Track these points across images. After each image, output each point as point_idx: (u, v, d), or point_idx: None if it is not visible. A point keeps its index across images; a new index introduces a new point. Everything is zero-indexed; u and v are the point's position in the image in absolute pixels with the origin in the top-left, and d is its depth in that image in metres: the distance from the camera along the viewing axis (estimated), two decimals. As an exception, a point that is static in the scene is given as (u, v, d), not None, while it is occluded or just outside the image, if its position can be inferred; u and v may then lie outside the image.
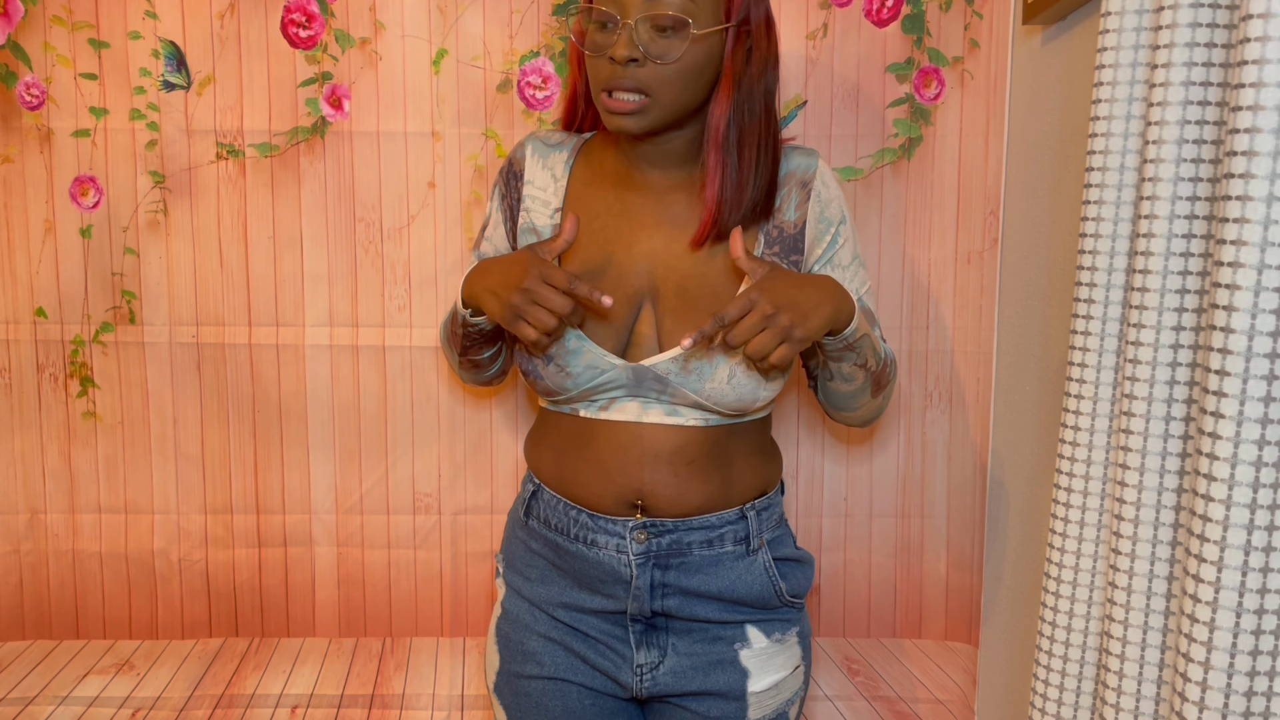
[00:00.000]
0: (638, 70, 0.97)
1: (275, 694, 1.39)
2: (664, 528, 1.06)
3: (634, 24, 0.96)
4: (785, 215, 1.08)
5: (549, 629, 1.11)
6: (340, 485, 1.45)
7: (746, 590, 1.09)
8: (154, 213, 1.40)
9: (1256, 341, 0.63)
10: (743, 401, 1.05)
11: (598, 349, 1.03)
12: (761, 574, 1.10)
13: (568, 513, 1.09)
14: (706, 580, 1.08)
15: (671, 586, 1.08)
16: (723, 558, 1.09)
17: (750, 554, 1.10)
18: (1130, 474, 0.78)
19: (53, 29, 1.35)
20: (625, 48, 0.97)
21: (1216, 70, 0.73)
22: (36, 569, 1.45)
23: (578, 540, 1.08)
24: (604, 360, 1.04)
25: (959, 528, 1.47)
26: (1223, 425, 0.65)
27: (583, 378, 1.04)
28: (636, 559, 1.06)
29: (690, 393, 1.04)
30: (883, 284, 1.44)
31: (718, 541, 1.08)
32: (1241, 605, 0.65)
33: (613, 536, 1.07)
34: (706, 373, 1.03)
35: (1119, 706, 0.80)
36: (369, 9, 1.36)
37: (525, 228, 1.12)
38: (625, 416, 1.06)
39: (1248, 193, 0.63)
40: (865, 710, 1.42)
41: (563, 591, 1.11)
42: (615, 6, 0.98)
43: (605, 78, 0.99)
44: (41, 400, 1.43)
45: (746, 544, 1.09)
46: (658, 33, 0.97)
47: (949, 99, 1.40)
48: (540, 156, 1.12)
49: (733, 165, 1.03)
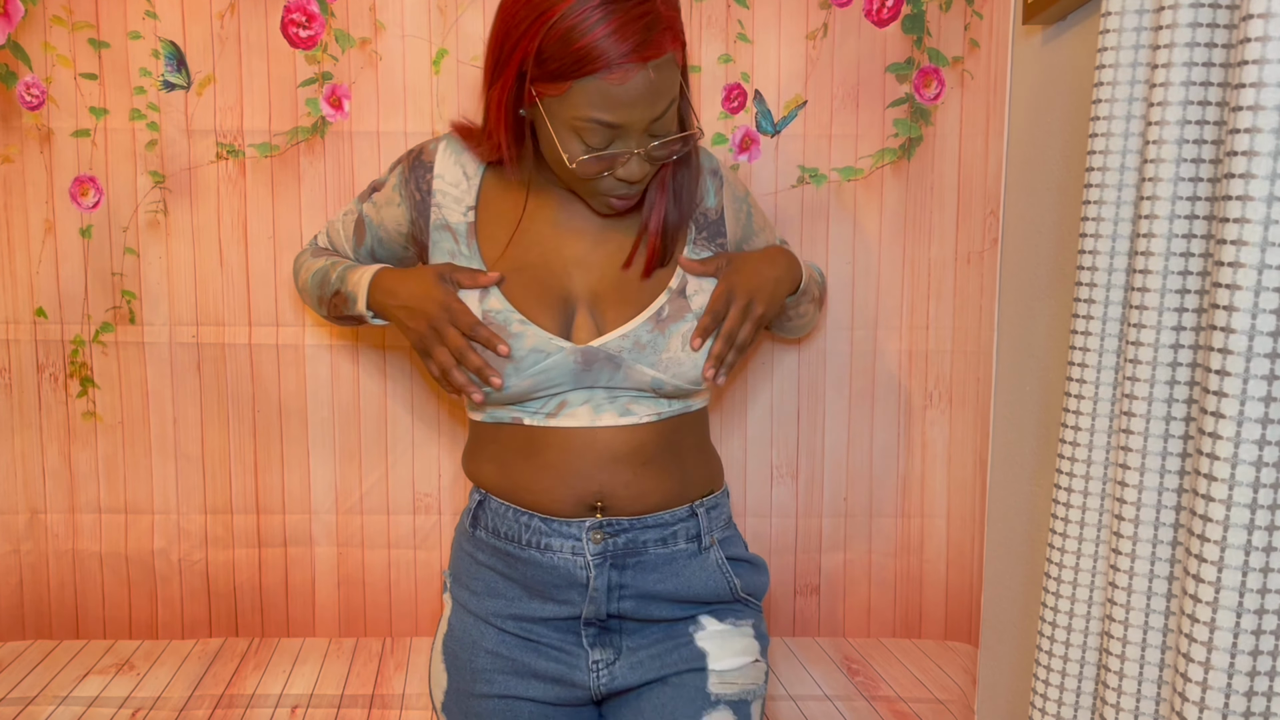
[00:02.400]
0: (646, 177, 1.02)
1: (275, 694, 1.39)
2: (620, 526, 1.06)
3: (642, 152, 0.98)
4: (706, 203, 1.13)
5: (497, 644, 1.09)
6: (340, 485, 1.45)
7: (702, 587, 1.10)
8: (154, 213, 1.40)
9: (1257, 341, 0.63)
10: (697, 369, 1.06)
11: (543, 331, 1.03)
12: (715, 571, 1.10)
13: (518, 519, 1.07)
14: (662, 579, 1.08)
15: (628, 588, 1.08)
16: (677, 556, 1.09)
17: (702, 551, 1.10)
18: (1130, 474, 0.78)
19: (53, 29, 1.35)
20: (640, 170, 0.99)
21: (1217, 70, 0.73)
22: (36, 569, 1.45)
23: (530, 546, 1.07)
24: (550, 343, 1.03)
25: (959, 528, 1.47)
26: (1223, 425, 0.65)
27: (527, 361, 1.02)
28: (594, 559, 1.06)
29: (647, 368, 1.04)
30: (883, 284, 1.44)
31: (671, 539, 1.09)
32: (1242, 605, 0.65)
33: (568, 539, 1.06)
34: (660, 344, 1.04)
35: (1119, 706, 0.80)
36: (369, 9, 1.36)
37: (438, 224, 1.09)
38: (576, 423, 1.05)
39: (1248, 193, 0.63)
40: (865, 710, 1.42)
41: (511, 603, 1.09)
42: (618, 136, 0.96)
43: (608, 189, 1.02)
44: (41, 400, 1.43)
45: (699, 542, 1.10)
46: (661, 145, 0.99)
47: (949, 99, 1.40)
48: (454, 153, 1.11)
49: (672, 200, 1.07)
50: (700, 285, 1.09)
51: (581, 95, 0.93)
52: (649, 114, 0.95)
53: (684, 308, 1.06)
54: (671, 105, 0.97)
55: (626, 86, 0.92)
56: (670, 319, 1.05)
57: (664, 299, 1.06)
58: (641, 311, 1.05)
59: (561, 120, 0.96)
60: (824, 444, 1.47)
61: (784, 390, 1.46)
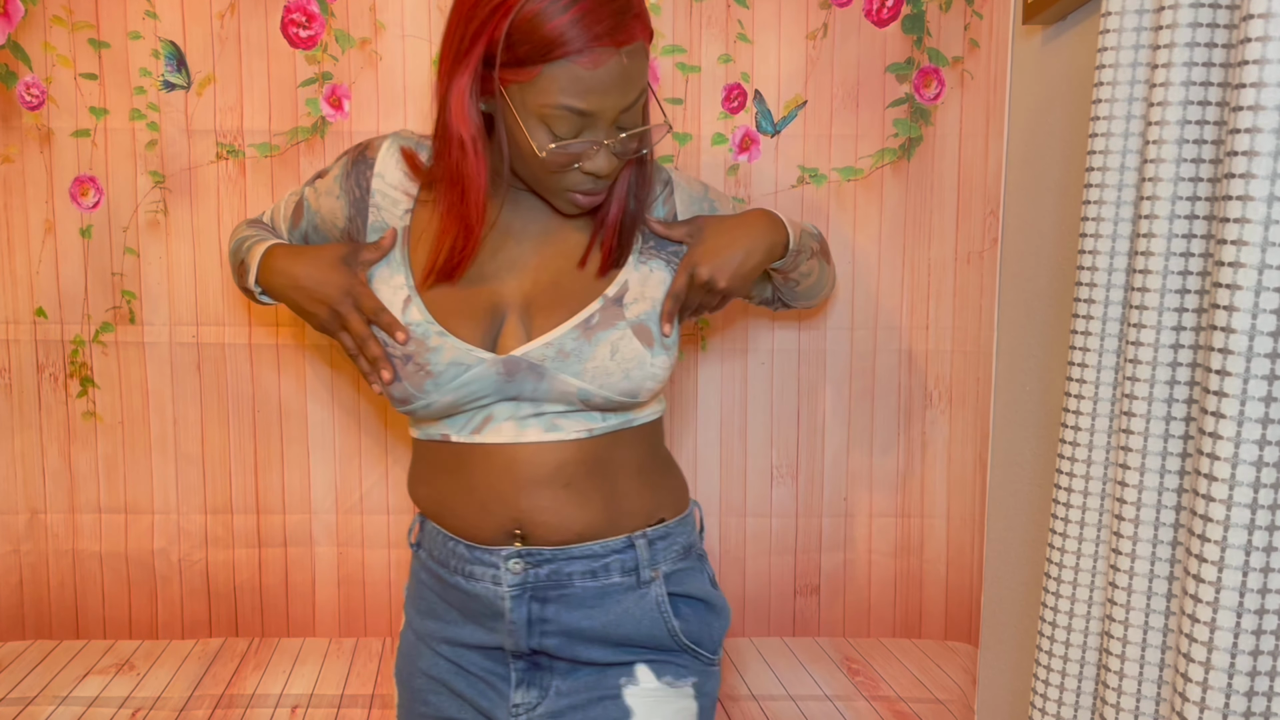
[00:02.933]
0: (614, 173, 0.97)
1: (275, 694, 1.39)
2: (542, 557, 0.99)
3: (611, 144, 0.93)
4: (654, 213, 1.07)
5: (431, 666, 1.06)
6: (340, 485, 1.45)
7: (635, 627, 1.00)
8: (154, 213, 1.40)
9: (1257, 341, 0.63)
10: (631, 381, 0.98)
11: (461, 343, 0.97)
12: (653, 609, 1.01)
13: (446, 544, 1.03)
14: (590, 616, 1.00)
15: (551, 623, 1.00)
16: (609, 590, 1.00)
17: (641, 586, 1.01)
18: (1130, 474, 0.78)
19: (53, 29, 1.35)
20: (608, 164, 0.95)
21: (1217, 70, 0.73)
22: (36, 569, 1.45)
23: (456, 572, 1.02)
24: (470, 355, 0.97)
25: (959, 528, 1.47)
26: (1223, 425, 0.65)
27: (446, 375, 0.97)
28: (511, 590, 0.99)
29: (570, 378, 0.97)
30: (883, 284, 1.44)
31: (603, 572, 1.00)
32: (1242, 605, 0.65)
33: (489, 567, 1.00)
34: (585, 352, 0.97)
35: (1119, 706, 0.80)
36: (369, 9, 1.36)
37: (377, 226, 1.03)
38: (500, 439, 0.99)
39: (1248, 193, 0.63)
40: (865, 710, 1.42)
41: (446, 626, 1.05)
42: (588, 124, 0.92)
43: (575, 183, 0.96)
44: (41, 400, 1.43)
45: (636, 575, 1.01)
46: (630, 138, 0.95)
47: (949, 99, 1.40)
48: (396, 156, 1.04)
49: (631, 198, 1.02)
50: (641, 294, 1.01)
51: (552, 81, 0.89)
52: (620, 101, 0.91)
53: (617, 315, 0.99)
54: (641, 96, 0.94)
55: (599, 72, 0.89)
56: (600, 326, 0.98)
57: (596, 305, 0.99)
58: (570, 317, 0.98)
59: (529, 109, 0.91)
60: (824, 444, 1.47)
61: (784, 390, 1.46)
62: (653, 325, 1.01)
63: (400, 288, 1.00)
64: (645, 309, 1.01)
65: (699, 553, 1.08)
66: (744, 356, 1.45)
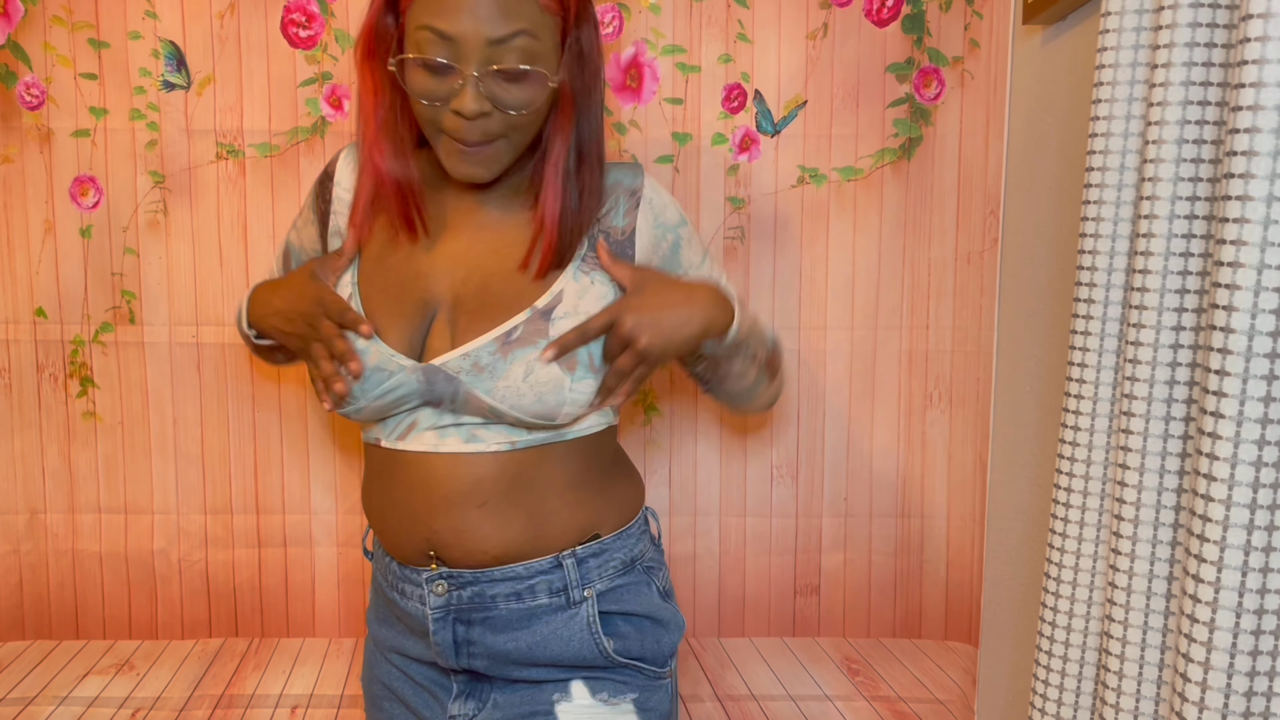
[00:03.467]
0: (488, 122, 0.90)
1: (275, 694, 1.39)
2: (464, 579, 0.95)
3: (478, 75, 0.87)
4: (612, 221, 0.99)
5: (385, 674, 1.05)
6: (340, 485, 1.45)
7: (563, 648, 0.96)
8: (154, 213, 1.40)
9: (1256, 341, 0.63)
10: (545, 405, 0.92)
11: (386, 348, 0.93)
12: (582, 630, 0.96)
13: (383, 558, 1.02)
14: (516, 639, 0.96)
15: (477, 645, 0.97)
16: (536, 612, 0.96)
17: (572, 606, 0.97)
18: (1130, 474, 0.78)
19: (53, 29, 1.35)
20: (475, 102, 0.87)
21: (1216, 70, 0.73)
22: (36, 569, 1.45)
23: (393, 588, 1.01)
24: (392, 361, 0.93)
25: (959, 528, 1.47)
26: (1223, 425, 0.65)
27: (371, 381, 0.93)
28: (435, 613, 0.96)
29: (482, 395, 0.92)
30: (883, 284, 1.44)
31: (528, 594, 0.96)
32: (1241, 605, 0.65)
33: (415, 586, 0.97)
34: (499, 369, 0.91)
35: (1119, 706, 0.80)
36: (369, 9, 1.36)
37: (334, 230, 1.04)
38: (421, 447, 0.94)
39: (1248, 193, 0.63)
40: (865, 710, 1.42)
41: (395, 635, 1.04)
42: (452, 51, 0.87)
43: (450, 128, 0.90)
44: (41, 400, 1.43)
45: (566, 595, 0.96)
46: (507, 81, 0.88)
47: (949, 99, 1.40)
48: (353, 161, 1.03)
49: (573, 192, 0.96)
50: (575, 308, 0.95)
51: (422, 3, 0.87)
52: (485, 30, 0.85)
53: (540, 331, 0.92)
54: (519, 37, 0.87)
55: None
56: (519, 342, 0.92)
57: (522, 318, 0.93)
58: (494, 327, 0.93)
59: (409, 41, 0.89)
60: (824, 444, 1.47)
61: (784, 390, 1.46)
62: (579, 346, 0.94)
63: (345, 285, 0.98)
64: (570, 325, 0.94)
65: (647, 565, 1.03)
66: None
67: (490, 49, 0.87)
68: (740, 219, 1.42)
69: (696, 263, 1.05)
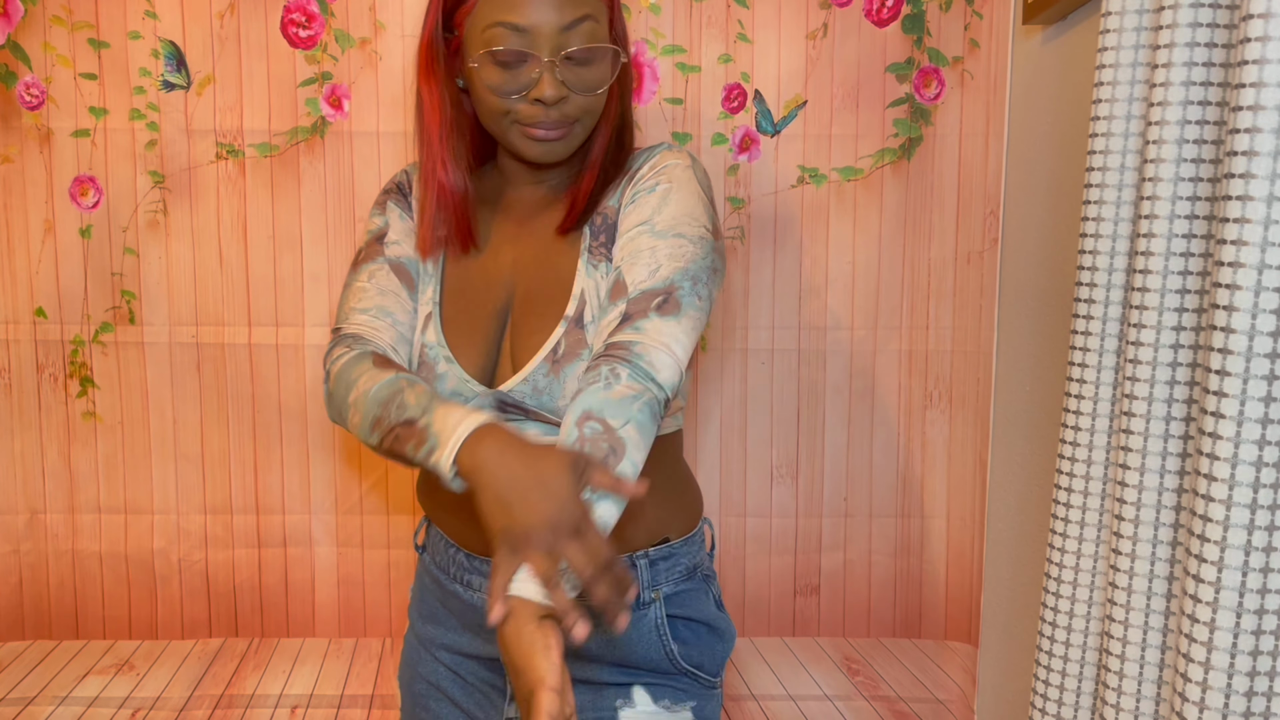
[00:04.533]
0: (565, 106, 0.91)
1: (275, 694, 1.39)
2: None
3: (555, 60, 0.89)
4: (608, 202, 0.98)
5: (431, 672, 1.04)
6: (340, 485, 1.45)
7: (630, 649, 0.96)
8: (154, 213, 1.40)
9: (1257, 341, 0.63)
10: None
11: (462, 374, 0.94)
12: (651, 632, 0.96)
13: (447, 550, 1.01)
14: None
15: None
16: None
17: (641, 607, 0.96)
18: (1130, 474, 0.78)
19: (53, 29, 1.35)
20: (554, 88, 0.89)
21: (1217, 70, 0.73)
22: (36, 569, 1.45)
23: (455, 580, 1.00)
24: (467, 387, 0.94)
25: (959, 528, 1.47)
26: (1223, 425, 0.64)
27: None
28: None
29: (549, 415, 0.93)
30: (883, 284, 1.44)
31: None
32: (1242, 605, 0.65)
33: (486, 578, 0.96)
34: (555, 389, 0.92)
35: (1119, 706, 0.80)
36: (369, 9, 1.36)
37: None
38: None
39: (1248, 193, 0.63)
40: (865, 710, 1.42)
41: (446, 633, 1.03)
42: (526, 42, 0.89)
43: (528, 117, 0.92)
44: (41, 400, 1.43)
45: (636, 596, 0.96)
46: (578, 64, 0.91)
47: (949, 99, 1.40)
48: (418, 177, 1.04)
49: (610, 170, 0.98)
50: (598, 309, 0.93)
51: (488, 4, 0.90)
52: (555, 18, 0.89)
53: (580, 341, 0.92)
54: (585, 21, 0.90)
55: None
56: (566, 358, 0.92)
57: (560, 332, 0.93)
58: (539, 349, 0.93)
59: (475, 42, 0.91)
60: (824, 444, 1.47)
61: (784, 390, 1.46)
62: None
63: (428, 303, 1.00)
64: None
65: (705, 573, 1.03)
66: (744, 356, 1.45)
67: (561, 35, 0.90)
68: (740, 219, 1.42)
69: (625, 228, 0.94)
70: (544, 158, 0.95)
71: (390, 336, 0.97)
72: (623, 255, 0.92)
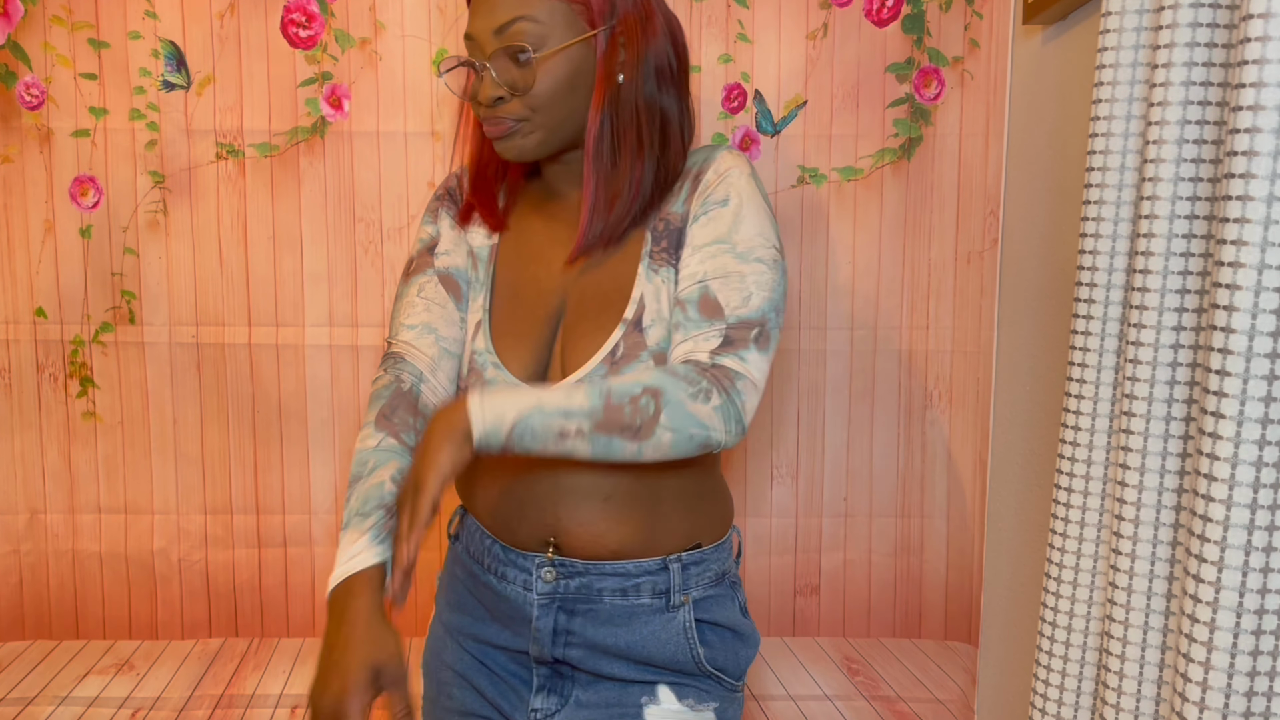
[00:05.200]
0: (506, 106, 0.95)
1: (275, 694, 1.39)
2: (574, 569, 0.97)
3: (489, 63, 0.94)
4: (673, 208, 0.98)
5: (457, 661, 1.05)
6: (340, 485, 1.45)
7: (659, 650, 0.98)
8: (154, 213, 1.40)
9: (1257, 341, 0.63)
10: None
11: (511, 378, 0.97)
12: (679, 634, 0.98)
13: (483, 541, 1.03)
14: (615, 634, 0.98)
15: (576, 635, 0.99)
16: (637, 611, 0.98)
17: (670, 610, 0.99)
18: (1130, 474, 0.78)
19: (53, 29, 1.35)
20: (489, 88, 0.94)
21: (1217, 70, 0.73)
22: (36, 569, 1.45)
23: (490, 571, 1.01)
24: None
25: (959, 528, 1.47)
26: (1223, 425, 0.65)
27: None
28: (540, 599, 0.98)
29: None
30: (883, 284, 1.44)
31: (633, 592, 0.98)
32: (1242, 605, 0.65)
33: (521, 571, 0.99)
34: None
35: (1119, 706, 0.80)
36: (369, 9, 1.36)
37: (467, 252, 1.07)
38: None
39: (1248, 193, 0.63)
40: (865, 710, 1.42)
41: (475, 623, 1.04)
42: (473, 49, 0.96)
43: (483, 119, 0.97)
44: (41, 400, 1.43)
45: (666, 598, 0.98)
46: (514, 64, 0.94)
47: (949, 99, 1.40)
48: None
49: (605, 174, 0.96)
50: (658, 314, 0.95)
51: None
52: (488, 21, 0.93)
53: (639, 345, 0.94)
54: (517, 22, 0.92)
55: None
56: (625, 359, 0.94)
57: (618, 335, 0.95)
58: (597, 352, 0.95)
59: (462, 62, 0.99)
60: (824, 444, 1.47)
61: (784, 390, 1.46)
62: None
63: (478, 310, 1.02)
64: (663, 333, 0.95)
65: (732, 580, 1.05)
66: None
67: (495, 37, 0.93)
68: (740, 219, 1.42)
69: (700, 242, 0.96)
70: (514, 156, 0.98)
71: (431, 355, 1.01)
72: (706, 270, 0.94)
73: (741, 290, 0.92)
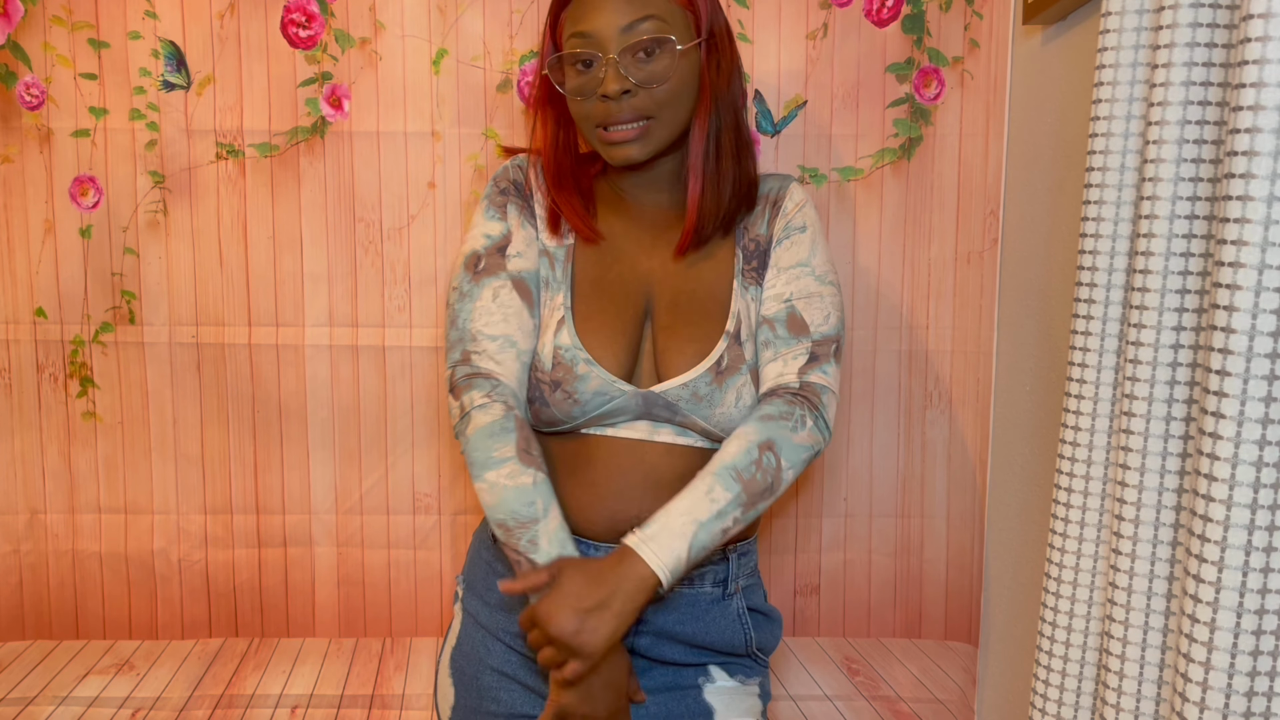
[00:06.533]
0: (633, 100, 0.99)
1: (275, 694, 1.39)
2: None
3: (616, 57, 0.98)
4: (759, 230, 1.08)
5: (502, 662, 1.06)
6: (340, 485, 1.45)
7: (718, 636, 1.05)
8: (154, 213, 1.40)
9: (1257, 341, 0.63)
10: None
11: (606, 374, 1.01)
12: (734, 621, 1.06)
13: None
14: (681, 620, 1.04)
15: (647, 624, 1.03)
16: (699, 599, 1.05)
17: (726, 598, 1.06)
18: (1130, 474, 0.78)
19: (53, 29, 1.35)
20: (616, 81, 0.97)
21: (1217, 70, 0.73)
22: (36, 569, 1.45)
23: None
24: (613, 387, 1.01)
25: (959, 528, 1.47)
26: (1223, 425, 0.65)
27: (591, 404, 1.01)
28: None
29: (701, 420, 1.02)
30: (882, 284, 1.44)
31: (698, 579, 1.05)
32: (1242, 605, 0.65)
33: None
34: (716, 398, 1.01)
35: (1119, 706, 0.80)
36: (369, 9, 1.36)
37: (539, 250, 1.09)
38: (635, 434, 1.03)
39: (1248, 193, 0.63)
40: (865, 710, 1.42)
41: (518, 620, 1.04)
42: (592, 45, 0.99)
43: (601, 115, 1.00)
44: (41, 400, 1.43)
45: (724, 587, 1.06)
46: (642, 59, 0.98)
47: (949, 99, 1.40)
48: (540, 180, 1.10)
49: (712, 177, 1.04)
50: (750, 330, 1.05)
51: (567, 20, 1.01)
52: (616, 19, 0.97)
53: (740, 358, 1.03)
54: (647, 20, 0.98)
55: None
56: (729, 371, 1.02)
57: (723, 346, 1.03)
58: (702, 360, 1.02)
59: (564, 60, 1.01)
60: (824, 444, 1.47)
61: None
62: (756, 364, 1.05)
63: (558, 308, 1.04)
64: (754, 349, 1.04)
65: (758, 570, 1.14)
66: None
67: (623, 35, 0.98)
68: (740, 219, 1.42)
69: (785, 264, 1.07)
70: (623, 161, 1.02)
71: (516, 374, 1.03)
72: (791, 291, 1.05)
73: (822, 309, 1.05)
